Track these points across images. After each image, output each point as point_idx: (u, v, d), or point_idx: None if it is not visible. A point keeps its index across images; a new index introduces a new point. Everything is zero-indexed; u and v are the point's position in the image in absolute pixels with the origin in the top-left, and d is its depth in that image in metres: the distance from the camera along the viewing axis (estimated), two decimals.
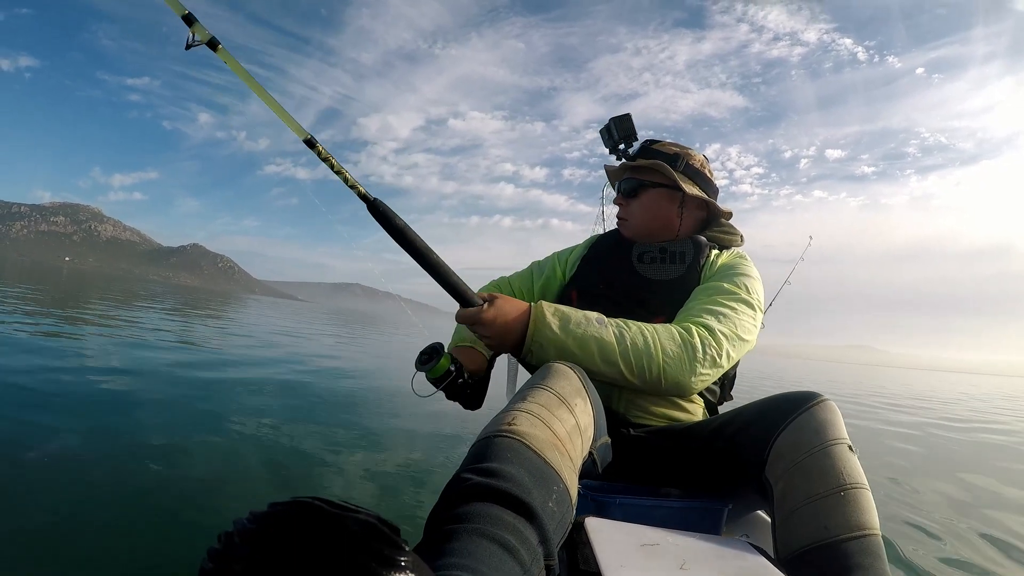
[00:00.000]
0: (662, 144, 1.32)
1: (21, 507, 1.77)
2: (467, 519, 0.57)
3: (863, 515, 0.83)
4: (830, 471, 0.85)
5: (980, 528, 2.54)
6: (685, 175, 1.27)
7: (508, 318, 0.99)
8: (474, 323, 0.99)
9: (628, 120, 1.37)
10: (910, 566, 1.89)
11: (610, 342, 0.99)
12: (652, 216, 1.29)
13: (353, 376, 6.05)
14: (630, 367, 0.99)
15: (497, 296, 1.01)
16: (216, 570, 0.34)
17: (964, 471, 4.11)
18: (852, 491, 0.84)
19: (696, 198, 1.27)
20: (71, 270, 75.39)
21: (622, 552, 0.77)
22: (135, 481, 2.12)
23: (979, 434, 6.72)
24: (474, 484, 0.61)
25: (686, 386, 1.02)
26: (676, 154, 1.28)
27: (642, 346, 1.00)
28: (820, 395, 0.93)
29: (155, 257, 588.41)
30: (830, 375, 19.65)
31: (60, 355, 4.51)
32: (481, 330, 1.00)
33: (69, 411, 2.92)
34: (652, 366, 0.99)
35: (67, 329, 6.55)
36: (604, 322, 1.02)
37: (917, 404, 10.58)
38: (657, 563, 0.75)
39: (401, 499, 2.28)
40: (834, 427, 0.89)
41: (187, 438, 2.72)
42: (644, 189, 1.29)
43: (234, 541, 0.34)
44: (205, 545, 0.35)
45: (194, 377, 4.42)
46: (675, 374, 1.00)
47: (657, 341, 1.01)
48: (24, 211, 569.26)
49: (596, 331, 1.00)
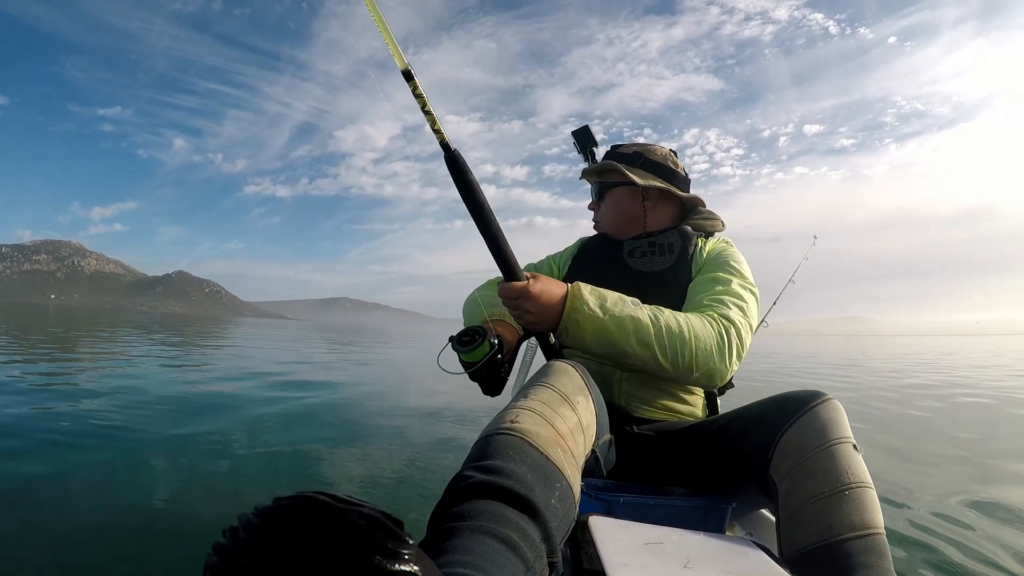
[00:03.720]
0: (624, 146, 1.40)
1: (35, 515, 1.78)
2: (470, 516, 0.57)
3: (867, 514, 0.83)
4: (834, 470, 0.85)
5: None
6: (643, 169, 1.34)
7: (552, 295, 1.00)
8: (520, 296, 0.98)
9: (585, 131, 1.49)
10: (914, 565, 1.88)
11: (646, 323, 0.99)
12: (617, 213, 1.37)
13: (353, 384, 6.06)
14: (664, 351, 0.99)
15: (539, 274, 1.01)
16: (222, 564, 0.34)
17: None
18: (856, 490, 0.84)
19: (654, 188, 1.32)
20: (57, 307, 75.26)
21: (626, 550, 0.77)
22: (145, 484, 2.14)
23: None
24: (477, 481, 0.61)
25: (718, 375, 1.02)
26: (635, 153, 1.36)
27: (676, 331, 1.00)
28: (824, 394, 0.93)
29: (141, 287, 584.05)
30: (831, 349, 19.32)
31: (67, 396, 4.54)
32: (527, 304, 0.99)
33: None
34: (686, 351, 0.99)
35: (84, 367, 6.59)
36: (639, 304, 1.03)
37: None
38: (661, 561, 0.75)
39: (404, 496, 2.28)
40: (839, 426, 0.89)
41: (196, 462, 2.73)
42: (607, 190, 1.38)
43: (239, 535, 0.34)
44: (211, 540, 0.36)
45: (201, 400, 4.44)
46: (706, 361, 1.00)
47: (691, 327, 1.01)
48: (5, 252, 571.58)
49: (633, 311, 1.00)
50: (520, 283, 0.98)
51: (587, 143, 1.48)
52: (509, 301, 1.01)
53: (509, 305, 1.02)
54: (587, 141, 1.48)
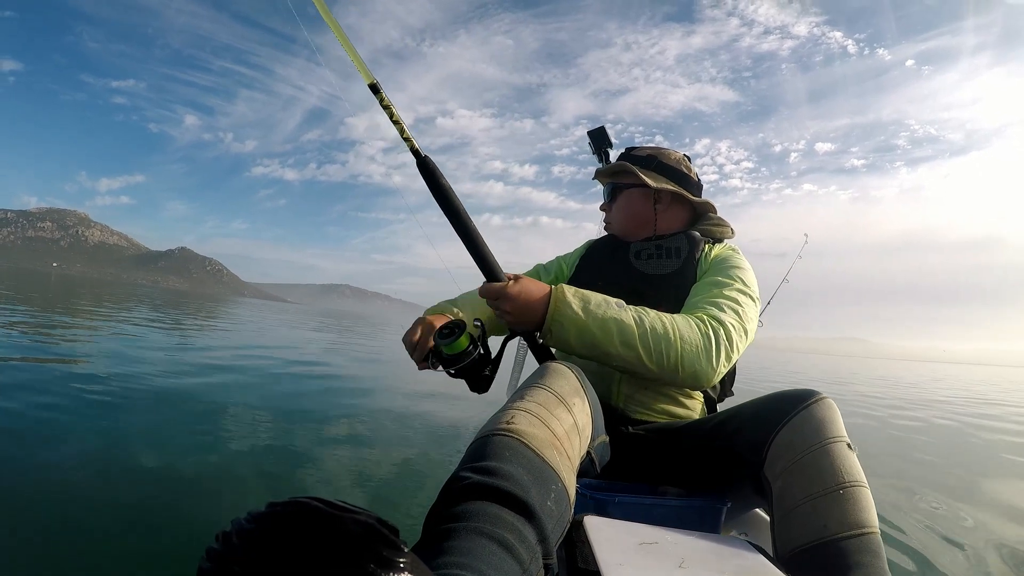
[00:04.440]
0: (638, 149, 1.41)
1: (25, 509, 1.77)
2: (466, 518, 0.57)
3: (862, 513, 0.84)
4: (829, 469, 0.86)
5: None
6: (657, 172, 1.34)
7: (531, 296, 1.00)
8: (498, 297, 1.00)
9: (602, 132, 1.49)
10: (910, 564, 1.90)
11: (630, 325, 0.99)
12: (628, 214, 1.36)
13: (343, 376, 6.05)
14: (648, 352, 0.99)
15: (522, 276, 1.03)
16: (214, 570, 0.33)
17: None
18: (851, 489, 0.85)
19: (667, 192, 1.32)
20: (59, 276, 75.00)
21: (621, 551, 0.77)
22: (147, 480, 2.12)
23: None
24: (473, 483, 0.61)
25: (704, 376, 1.02)
26: (649, 156, 1.37)
27: (661, 332, 1.00)
28: (819, 393, 0.93)
29: (143, 261, 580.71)
30: (827, 368, 19.88)
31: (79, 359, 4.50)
32: (504, 304, 1.00)
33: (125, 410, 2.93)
34: (671, 352, 0.99)
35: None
36: (623, 306, 1.03)
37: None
38: (656, 561, 0.75)
39: (399, 497, 2.28)
40: (833, 425, 0.89)
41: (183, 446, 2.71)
42: (619, 191, 1.38)
43: (232, 541, 0.34)
44: (203, 545, 0.35)
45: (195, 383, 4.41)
46: (692, 362, 1.00)
47: (676, 328, 1.01)
48: (10, 217, 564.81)
49: (616, 313, 1.00)
50: (498, 283, 1.00)
51: (603, 144, 1.48)
52: (491, 301, 1.02)
53: (491, 305, 1.03)
54: (603, 142, 1.48)
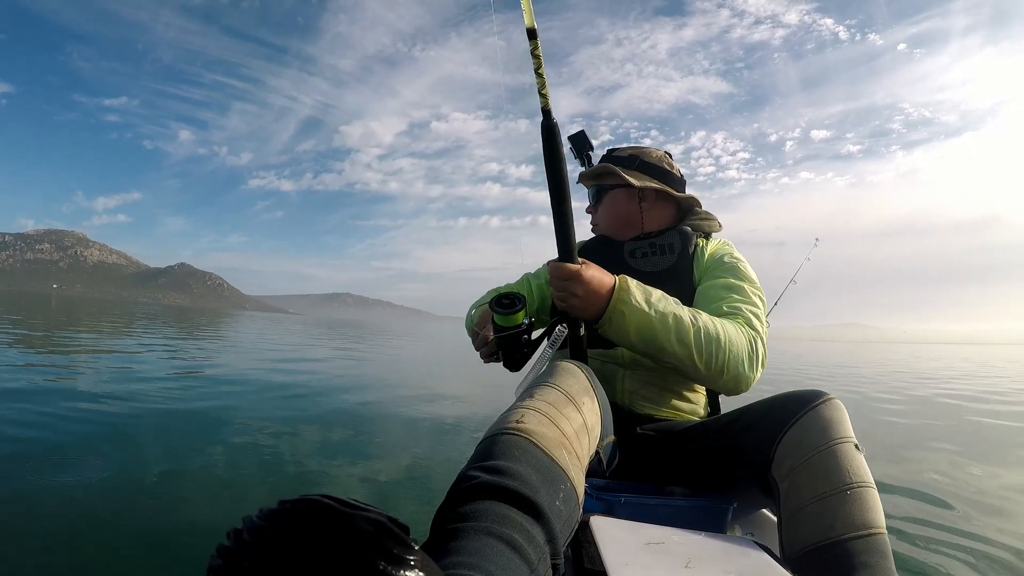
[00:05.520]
0: (620, 149, 1.42)
1: (33, 508, 1.78)
2: (474, 517, 0.57)
3: (869, 514, 0.83)
4: (836, 470, 0.85)
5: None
6: (639, 171, 1.35)
7: (602, 283, 1.00)
8: (571, 279, 0.98)
9: (582, 136, 1.52)
10: (916, 565, 1.88)
11: (687, 322, 1.00)
12: (614, 215, 1.37)
13: (357, 383, 6.06)
14: (700, 351, 0.99)
15: (590, 262, 1.02)
16: (226, 567, 0.34)
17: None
18: (858, 490, 0.84)
19: (651, 190, 1.33)
20: (59, 297, 75.38)
21: (627, 551, 0.77)
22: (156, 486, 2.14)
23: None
24: (481, 482, 0.61)
25: (745, 381, 1.03)
26: (630, 155, 1.37)
27: (713, 334, 1.00)
28: (826, 393, 0.93)
29: (143, 279, 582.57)
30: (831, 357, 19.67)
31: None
32: (576, 287, 0.98)
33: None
34: (720, 354, 1.00)
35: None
36: (680, 304, 1.04)
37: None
38: (662, 561, 0.75)
39: (408, 496, 2.28)
40: (840, 425, 0.89)
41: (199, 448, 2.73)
42: (604, 192, 1.39)
43: (244, 538, 0.34)
44: (215, 542, 0.35)
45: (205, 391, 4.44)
46: (736, 367, 1.01)
47: (726, 332, 1.02)
48: (8, 240, 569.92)
49: (676, 309, 1.01)
50: (574, 265, 0.98)
51: (583, 147, 1.50)
52: (557, 282, 1.00)
53: (555, 286, 1.01)
54: (583, 145, 1.49)
